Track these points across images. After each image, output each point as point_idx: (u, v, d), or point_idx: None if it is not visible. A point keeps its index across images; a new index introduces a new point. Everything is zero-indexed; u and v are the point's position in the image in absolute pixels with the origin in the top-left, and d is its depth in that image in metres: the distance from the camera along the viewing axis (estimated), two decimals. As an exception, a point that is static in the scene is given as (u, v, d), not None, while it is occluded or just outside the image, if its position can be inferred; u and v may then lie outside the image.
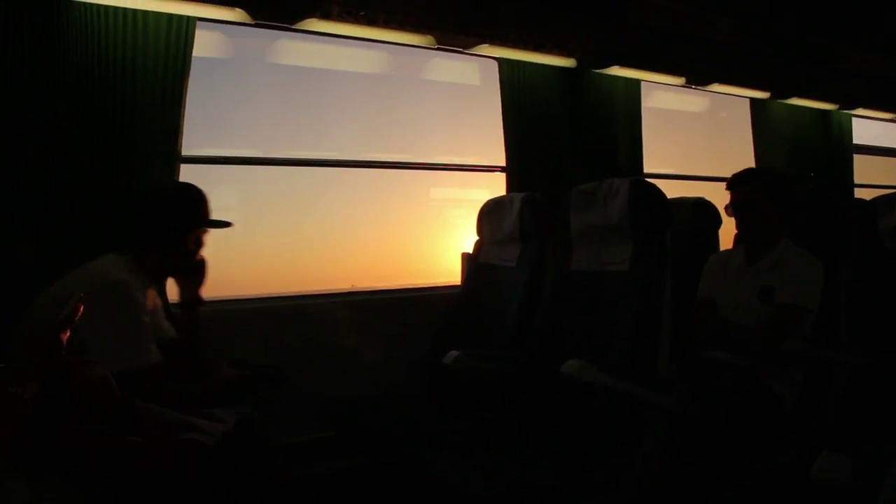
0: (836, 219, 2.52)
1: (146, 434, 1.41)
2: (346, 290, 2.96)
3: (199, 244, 1.96)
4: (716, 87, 3.85)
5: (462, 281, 2.99)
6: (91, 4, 2.25)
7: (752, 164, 4.20)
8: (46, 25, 2.18)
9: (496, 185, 3.28)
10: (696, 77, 3.74)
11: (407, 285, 3.15)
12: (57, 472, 1.20)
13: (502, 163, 3.21)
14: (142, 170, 2.33)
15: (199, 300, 2.10)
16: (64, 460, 1.25)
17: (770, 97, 4.10)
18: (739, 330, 2.26)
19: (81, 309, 1.18)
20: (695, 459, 1.91)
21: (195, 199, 1.93)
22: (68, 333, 1.16)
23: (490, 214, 2.80)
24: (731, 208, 2.36)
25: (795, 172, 4.16)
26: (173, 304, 2.21)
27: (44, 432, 1.18)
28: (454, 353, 2.18)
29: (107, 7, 2.27)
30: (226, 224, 1.99)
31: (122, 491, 1.29)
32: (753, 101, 4.20)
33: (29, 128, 2.16)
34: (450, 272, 3.23)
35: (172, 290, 2.18)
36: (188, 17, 2.38)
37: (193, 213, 1.92)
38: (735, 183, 2.37)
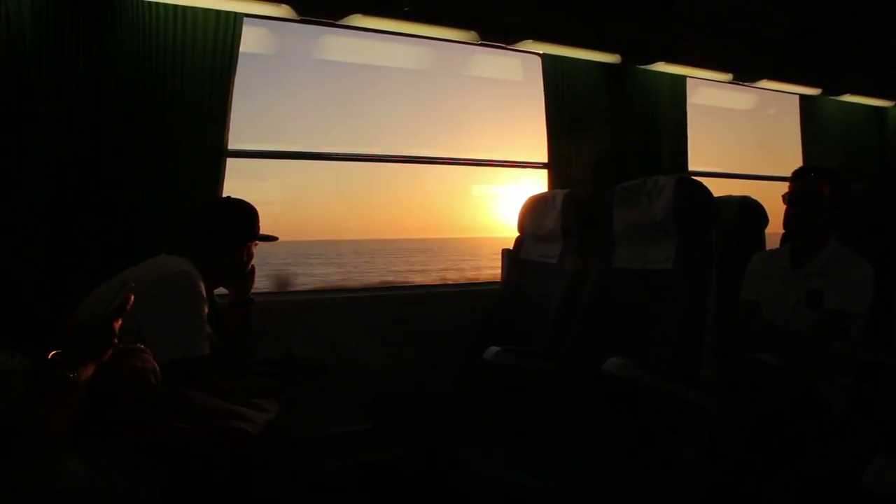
0: (890, 219, 2.44)
1: (193, 421, 1.45)
2: (388, 285, 2.99)
3: (250, 256, 2.08)
4: (764, 83, 3.76)
5: (502, 277, 2.99)
6: (141, 1, 2.31)
7: (800, 163, 4.08)
8: (99, 22, 2.24)
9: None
10: (745, 73, 3.65)
11: (447, 281, 3.16)
12: (108, 455, 1.24)
13: (544, 159, 3.19)
14: (189, 164, 2.38)
15: (248, 300, 2.19)
16: (115, 444, 1.29)
17: (822, 93, 3.98)
18: (785, 335, 2.20)
19: (132, 299, 1.21)
20: (736, 462, 1.87)
21: (249, 215, 2.05)
22: (120, 322, 1.19)
23: (532, 210, 2.79)
24: (790, 197, 2.28)
25: (847, 172, 4.03)
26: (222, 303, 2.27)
27: (97, 416, 1.22)
28: (494, 348, 2.18)
29: (157, 3, 2.33)
30: (273, 238, 2.12)
31: (169, 475, 1.32)
32: (803, 97, 4.09)
33: (81, 121, 2.23)
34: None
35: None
36: (235, 14, 2.42)
37: (248, 228, 2.04)
38: (801, 172, 2.30)
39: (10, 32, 2.11)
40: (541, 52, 3.12)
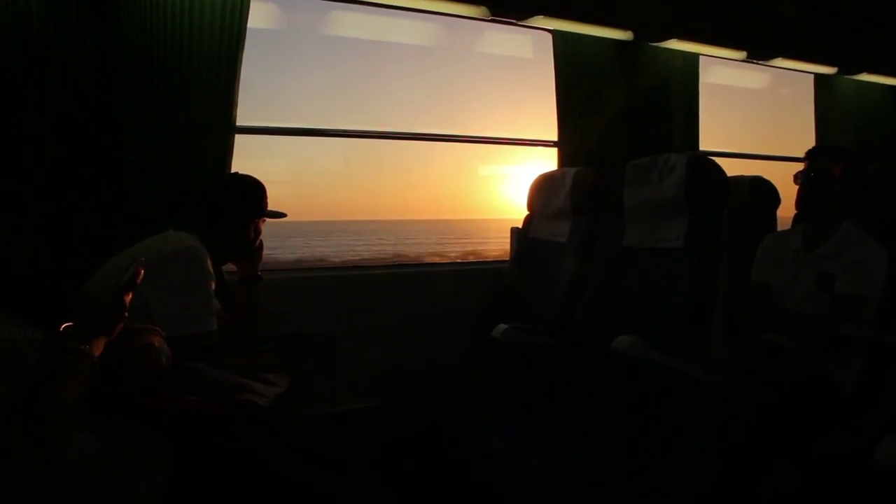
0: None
1: (202, 394, 1.46)
2: (397, 263, 2.99)
3: (257, 233, 2.08)
4: (779, 61, 3.70)
5: (511, 255, 2.98)
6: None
7: (813, 143, 4.03)
8: None
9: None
10: (759, 51, 3.60)
11: (457, 259, 3.17)
12: (119, 427, 1.25)
13: (554, 137, 3.17)
14: (197, 140, 2.37)
15: (257, 277, 2.20)
16: (125, 416, 1.29)
17: (837, 72, 3.92)
18: (795, 318, 2.18)
19: (142, 273, 1.22)
20: (744, 442, 1.87)
21: (257, 191, 2.04)
22: (130, 296, 1.19)
23: (541, 189, 2.77)
24: (802, 177, 2.25)
25: (862, 152, 3.98)
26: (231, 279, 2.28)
27: (107, 390, 1.23)
28: (503, 326, 2.18)
29: (164, -22, 2.30)
30: (281, 214, 2.13)
31: (179, 448, 1.33)
32: (818, 76, 4.03)
33: (88, 99, 2.23)
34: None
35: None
36: (244, -12, 2.39)
37: (255, 204, 2.04)
38: (814, 152, 2.26)
39: (18, 10, 2.10)
40: (551, 28, 3.08)
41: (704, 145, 3.55)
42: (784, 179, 2.38)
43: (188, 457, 1.32)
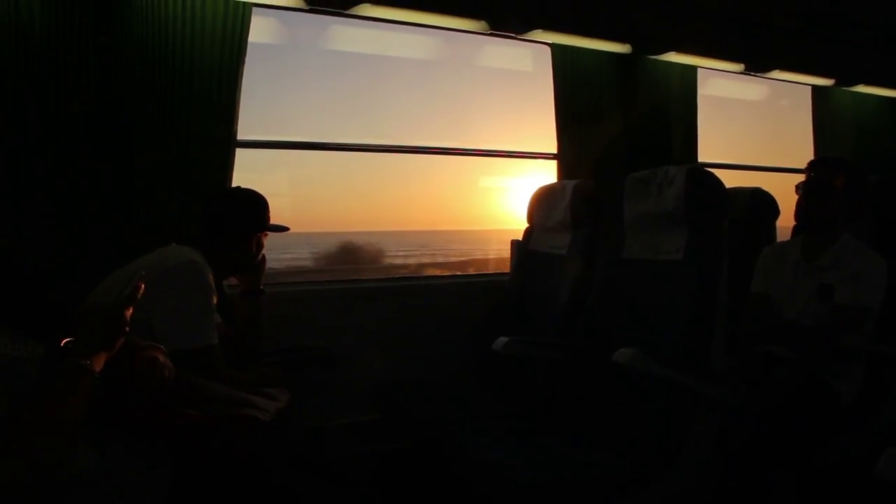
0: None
1: (204, 409, 1.45)
2: (396, 276, 3.00)
3: (260, 246, 2.08)
4: (777, 73, 3.73)
5: (511, 268, 2.98)
6: (151, -10, 2.30)
7: (811, 155, 4.05)
8: (108, 11, 2.24)
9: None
10: (757, 63, 3.62)
11: (457, 272, 3.17)
12: (121, 442, 1.25)
13: (554, 150, 3.18)
14: (198, 154, 2.38)
15: (260, 291, 2.19)
16: (127, 431, 1.29)
17: (835, 84, 3.94)
18: (795, 329, 2.18)
19: (143, 287, 1.22)
20: (746, 453, 1.87)
21: (260, 205, 2.05)
22: (131, 310, 1.19)
23: (541, 201, 2.78)
24: (803, 187, 2.26)
25: (860, 164, 3.99)
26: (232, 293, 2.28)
27: (109, 404, 1.23)
28: (503, 339, 2.18)
29: (166, -7, 2.32)
30: (284, 228, 2.11)
31: (181, 462, 1.33)
32: (816, 88, 4.05)
33: (89, 111, 2.24)
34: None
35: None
36: (244, 3, 2.42)
37: (257, 218, 2.04)
38: (817, 163, 2.28)
39: (20, 21, 2.12)
40: (550, 41, 3.10)
41: (703, 157, 3.56)
42: (783, 191, 2.39)
43: (190, 471, 1.32)
